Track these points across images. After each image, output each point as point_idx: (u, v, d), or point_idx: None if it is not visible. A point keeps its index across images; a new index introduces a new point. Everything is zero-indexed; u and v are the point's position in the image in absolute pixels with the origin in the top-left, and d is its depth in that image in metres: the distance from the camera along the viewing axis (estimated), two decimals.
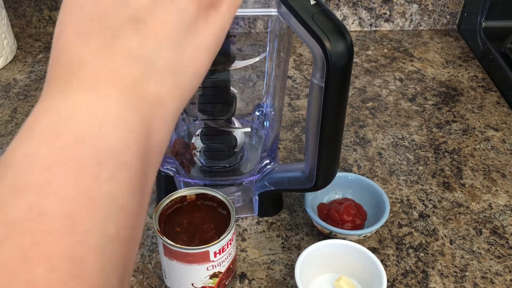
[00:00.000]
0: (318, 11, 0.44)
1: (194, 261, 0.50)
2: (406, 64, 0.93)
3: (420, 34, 1.01)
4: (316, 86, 0.48)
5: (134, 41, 0.25)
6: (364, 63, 0.93)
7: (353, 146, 0.75)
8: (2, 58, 0.88)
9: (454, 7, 1.00)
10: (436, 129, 0.79)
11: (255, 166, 0.62)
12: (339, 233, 0.58)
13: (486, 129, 0.79)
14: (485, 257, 0.61)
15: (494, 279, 0.58)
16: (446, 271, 0.59)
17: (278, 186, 0.60)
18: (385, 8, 0.99)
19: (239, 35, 0.55)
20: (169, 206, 0.54)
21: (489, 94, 0.86)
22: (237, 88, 0.59)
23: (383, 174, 0.71)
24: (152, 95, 0.25)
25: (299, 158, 0.73)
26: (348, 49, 0.45)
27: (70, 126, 0.23)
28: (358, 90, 0.86)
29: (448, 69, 0.92)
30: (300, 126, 0.79)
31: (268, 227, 0.64)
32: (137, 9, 0.25)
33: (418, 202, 0.67)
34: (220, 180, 0.62)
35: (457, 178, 0.71)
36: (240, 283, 0.57)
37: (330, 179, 0.55)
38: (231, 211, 0.52)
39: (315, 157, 0.52)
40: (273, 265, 0.59)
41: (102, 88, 0.24)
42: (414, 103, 0.84)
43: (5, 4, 0.92)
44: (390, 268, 0.59)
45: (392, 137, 0.77)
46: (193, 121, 0.63)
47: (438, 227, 0.64)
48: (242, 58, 0.54)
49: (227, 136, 0.60)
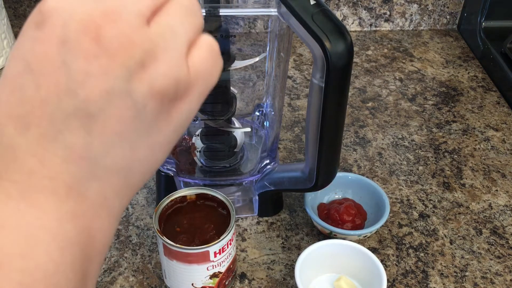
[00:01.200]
0: (318, 11, 0.44)
1: (194, 261, 0.50)
2: (406, 64, 0.93)
3: (420, 34, 1.01)
4: (316, 86, 0.48)
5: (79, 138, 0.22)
6: (364, 63, 0.93)
7: (353, 146, 0.75)
8: (2, 58, 0.88)
9: (454, 7, 1.00)
10: (436, 129, 0.79)
11: (255, 166, 0.62)
12: (339, 233, 0.58)
13: (486, 129, 0.79)
14: (485, 257, 0.61)
15: (494, 279, 0.58)
16: (446, 271, 0.59)
17: (278, 186, 0.60)
18: (385, 8, 0.99)
19: (239, 35, 0.55)
20: (169, 206, 0.54)
21: (489, 94, 0.86)
22: (237, 88, 0.59)
23: (383, 174, 0.71)
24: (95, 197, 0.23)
25: (299, 158, 0.73)
26: (348, 49, 0.45)
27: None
28: (358, 90, 0.86)
29: (448, 69, 0.92)
30: (300, 126, 0.79)
31: (268, 227, 0.64)
32: (86, 101, 0.21)
33: (418, 202, 0.67)
34: (220, 180, 0.62)
35: (457, 178, 0.71)
36: (240, 283, 0.57)
37: (330, 179, 0.55)
38: (231, 211, 0.52)
39: (315, 157, 0.52)
40: (273, 265, 0.59)
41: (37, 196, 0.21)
42: (414, 103, 0.84)
43: (5, 4, 0.92)
44: (390, 268, 0.59)
45: (392, 137, 0.77)
46: (193, 121, 0.63)
47: (438, 227, 0.64)
48: (242, 58, 0.54)
49: (227, 136, 0.60)
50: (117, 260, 0.60)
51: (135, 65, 0.22)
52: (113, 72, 0.22)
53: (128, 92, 0.22)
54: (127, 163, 0.23)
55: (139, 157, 0.24)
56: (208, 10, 0.49)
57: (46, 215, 0.21)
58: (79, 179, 0.22)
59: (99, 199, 0.23)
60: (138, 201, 0.67)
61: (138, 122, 0.23)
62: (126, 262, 0.59)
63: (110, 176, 0.23)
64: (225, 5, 0.50)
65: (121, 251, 0.61)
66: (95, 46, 0.21)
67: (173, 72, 0.23)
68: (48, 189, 0.22)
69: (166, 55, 0.23)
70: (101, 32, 0.21)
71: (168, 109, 0.24)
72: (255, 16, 0.89)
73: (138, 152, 0.24)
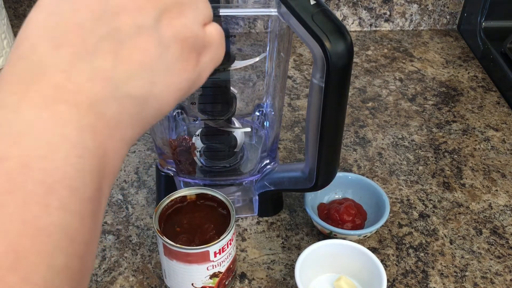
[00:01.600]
0: (318, 11, 0.44)
1: (194, 261, 0.50)
2: (406, 64, 0.93)
3: (420, 34, 1.01)
4: (316, 86, 0.48)
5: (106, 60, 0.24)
6: (364, 63, 0.93)
7: (353, 146, 0.75)
8: (2, 58, 0.88)
9: (454, 7, 1.00)
10: (436, 129, 0.79)
11: (255, 166, 0.62)
12: (339, 233, 0.58)
13: (486, 129, 0.79)
14: (485, 257, 0.61)
15: (494, 279, 0.58)
16: (446, 271, 0.59)
17: (278, 186, 0.60)
18: (385, 8, 0.99)
19: (239, 35, 0.55)
20: (169, 206, 0.54)
21: (489, 94, 0.86)
22: (237, 88, 0.59)
23: (383, 174, 0.71)
24: (112, 118, 0.24)
25: (299, 158, 0.73)
26: (348, 49, 0.45)
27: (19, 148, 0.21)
28: (358, 90, 0.86)
29: (448, 69, 0.92)
30: (300, 126, 0.79)
31: (268, 227, 0.64)
32: (118, 30, 0.24)
33: (418, 202, 0.67)
34: (220, 180, 0.62)
35: (457, 178, 0.71)
36: (240, 283, 0.58)
37: (330, 179, 0.55)
38: (231, 211, 0.53)
39: (315, 157, 0.52)
40: (273, 265, 0.59)
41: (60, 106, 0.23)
42: (414, 103, 0.84)
43: (5, 4, 0.92)
44: (390, 268, 0.59)
45: (392, 137, 0.77)
46: (193, 121, 0.63)
47: (438, 227, 0.64)
48: (242, 58, 0.54)
49: (227, 136, 0.60)
50: (117, 260, 0.60)
51: (166, 10, 0.25)
52: (146, 10, 0.25)
53: (156, 30, 0.25)
54: (145, 94, 0.25)
55: (156, 92, 0.26)
56: None
57: (67, 124, 0.23)
58: (101, 98, 0.24)
59: (115, 121, 0.25)
60: (138, 201, 0.67)
61: (160, 59, 0.25)
62: (126, 262, 0.59)
63: (128, 102, 0.25)
64: (225, 5, 0.50)
65: (121, 251, 0.61)
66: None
67: (194, 28, 0.27)
68: (71, 102, 0.23)
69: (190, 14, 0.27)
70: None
71: (187, 58, 0.27)
72: (255, 16, 0.89)
73: (155, 87, 0.26)
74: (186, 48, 0.27)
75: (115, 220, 0.64)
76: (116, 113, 0.25)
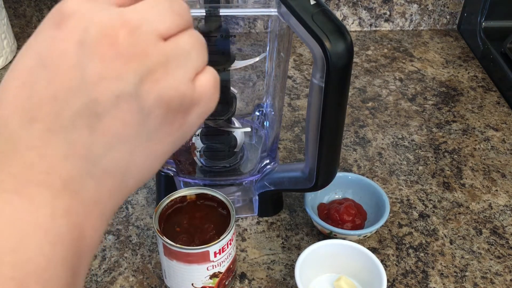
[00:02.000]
0: (318, 11, 0.44)
1: (194, 261, 0.50)
2: (406, 64, 0.93)
3: (420, 34, 1.01)
4: (316, 86, 0.48)
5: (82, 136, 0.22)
6: (364, 63, 0.93)
7: (353, 146, 0.75)
8: (2, 58, 0.88)
9: (454, 7, 1.00)
10: (436, 129, 0.79)
11: (255, 166, 0.62)
12: (339, 233, 0.58)
13: (486, 129, 0.79)
14: (485, 257, 0.61)
15: (494, 279, 0.58)
16: (446, 271, 0.59)
17: (278, 186, 0.60)
18: (385, 8, 0.99)
19: (239, 35, 0.55)
20: (169, 206, 0.54)
21: (489, 94, 0.86)
22: (237, 88, 0.59)
23: (383, 174, 0.71)
24: (90, 195, 0.23)
25: (299, 158, 0.73)
26: (348, 49, 0.45)
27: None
28: (358, 90, 0.86)
29: (448, 69, 0.92)
30: (300, 126, 0.79)
31: (268, 227, 0.64)
32: (95, 101, 0.22)
33: (418, 202, 0.67)
34: (220, 180, 0.62)
35: (457, 178, 0.71)
36: (240, 283, 0.57)
37: (330, 179, 0.55)
38: (231, 211, 0.52)
39: (315, 157, 0.52)
40: (273, 265, 0.59)
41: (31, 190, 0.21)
42: (414, 103, 0.84)
43: (5, 4, 0.92)
44: (390, 268, 0.59)
45: (392, 137, 0.77)
46: None
47: (438, 227, 0.64)
48: (242, 58, 0.54)
49: (227, 136, 0.60)
50: (117, 260, 0.60)
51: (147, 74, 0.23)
52: (126, 76, 0.22)
53: (137, 98, 0.23)
54: (125, 166, 0.24)
55: (137, 162, 0.24)
56: (208, 10, 0.49)
57: (39, 210, 0.22)
58: (76, 176, 0.23)
59: (93, 198, 0.23)
60: (138, 201, 0.67)
61: (141, 127, 0.24)
62: (126, 262, 0.59)
63: (107, 177, 0.23)
64: (225, 5, 0.50)
65: (121, 251, 0.61)
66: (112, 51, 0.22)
67: (181, 87, 0.24)
68: (44, 184, 0.22)
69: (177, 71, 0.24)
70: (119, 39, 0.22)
71: (171, 121, 0.25)
72: (255, 16, 0.89)
73: (136, 157, 0.24)
74: (171, 111, 0.24)
75: (115, 220, 0.64)
76: (94, 190, 0.23)
